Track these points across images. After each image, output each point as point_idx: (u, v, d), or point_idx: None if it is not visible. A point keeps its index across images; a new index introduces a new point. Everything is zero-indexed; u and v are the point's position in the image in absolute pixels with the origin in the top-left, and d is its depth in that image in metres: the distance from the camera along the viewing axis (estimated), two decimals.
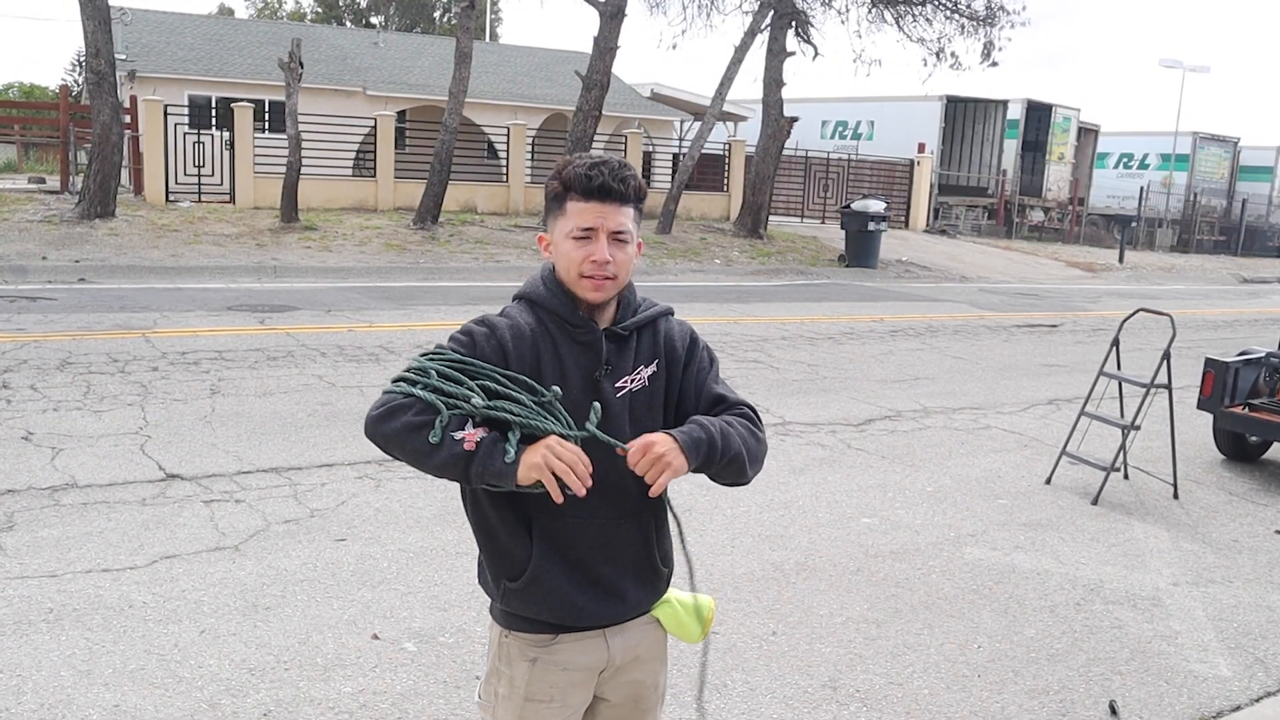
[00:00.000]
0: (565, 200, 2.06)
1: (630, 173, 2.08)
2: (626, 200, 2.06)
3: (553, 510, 2.05)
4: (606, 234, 2.04)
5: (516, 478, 1.92)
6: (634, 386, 2.14)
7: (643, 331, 2.19)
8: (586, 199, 2.04)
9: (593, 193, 2.04)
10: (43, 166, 29.79)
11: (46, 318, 10.08)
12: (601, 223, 2.04)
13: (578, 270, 2.05)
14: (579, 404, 2.05)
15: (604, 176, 2.03)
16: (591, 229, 2.04)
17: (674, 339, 2.22)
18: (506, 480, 1.93)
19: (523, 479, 1.92)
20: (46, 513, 5.11)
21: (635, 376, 2.14)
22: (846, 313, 14.51)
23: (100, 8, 16.00)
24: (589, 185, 2.03)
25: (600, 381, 2.09)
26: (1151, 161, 39.18)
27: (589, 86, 19.52)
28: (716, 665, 4.06)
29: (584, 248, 2.04)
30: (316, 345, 9.48)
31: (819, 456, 7.06)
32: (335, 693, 3.67)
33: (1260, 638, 4.67)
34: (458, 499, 2.20)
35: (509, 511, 2.09)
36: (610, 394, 2.09)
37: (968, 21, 23.86)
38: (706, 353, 2.27)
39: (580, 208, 2.04)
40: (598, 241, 2.04)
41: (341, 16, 57.03)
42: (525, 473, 1.92)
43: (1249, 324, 16.96)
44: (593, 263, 2.04)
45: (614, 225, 2.05)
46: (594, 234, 2.04)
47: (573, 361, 2.08)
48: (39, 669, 3.68)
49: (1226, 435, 7.72)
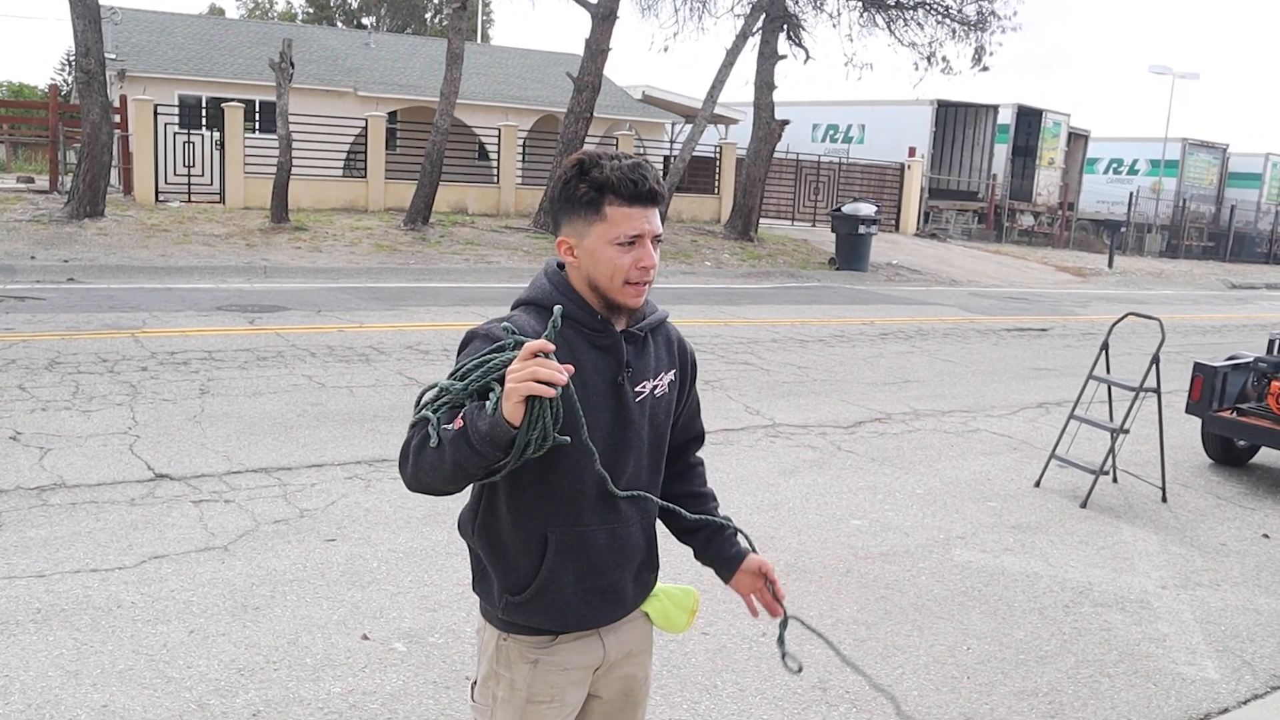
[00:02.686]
0: (603, 205, 1.99)
1: (658, 173, 2.09)
2: (661, 202, 2.06)
3: (569, 521, 2.05)
4: (650, 238, 2.02)
5: (506, 418, 1.80)
6: (658, 392, 2.15)
7: (656, 335, 2.19)
8: (632, 204, 1.99)
9: (639, 198, 1.99)
10: (32, 166, 29.66)
11: (35, 317, 10.04)
12: (647, 228, 2.01)
13: (624, 277, 2.01)
14: (599, 409, 2.03)
15: (649, 181, 2.00)
16: (640, 235, 2.00)
17: (687, 353, 2.27)
18: (500, 428, 1.81)
19: (510, 415, 1.80)
20: (34, 513, 5.09)
21: (658, 382, 2.15)
22: (837, 315, 14.53)
23: (90, 7, 15.93)
24: (636, 191, 1.98)
25: (623, 385, 2.07)
26: (1141, 167, 39.34)
27: (580, 88, 19.53)
28: (706, 666, 4.07)
29: (631, 253, 2.00)
30: (306, 346, 9.46)
31: (809, 458, 7.07)
32: (325, 693, 3.66)
33: (1248, 640, 4.69)
34: (447, 499, 2.19)
35: (528, 525, 2.06)
36: (630, 398, 2.09)
37: (959, 26, 23.93)
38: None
39: (626, 213, 1.99)
40: (644, 247, 2.01)
41: (333, 17, 56.93)
42: (510, 409, 1.79)
43: (1237, 329, 17.04)
44: (641, 268, 2.01)
45: (656, 229, 2.03)
46: (640, 240, 2.01)
47: (592, 366, 2.04)
48: (27, 669, 3.66)
49: (1215, 439, 7.76)
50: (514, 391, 1.78)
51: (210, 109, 22.80)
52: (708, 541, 2.31)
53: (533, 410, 1.81)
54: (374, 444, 6.57)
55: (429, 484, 1.93)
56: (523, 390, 1.77)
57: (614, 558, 2.12)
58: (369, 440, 6.65)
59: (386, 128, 22.28)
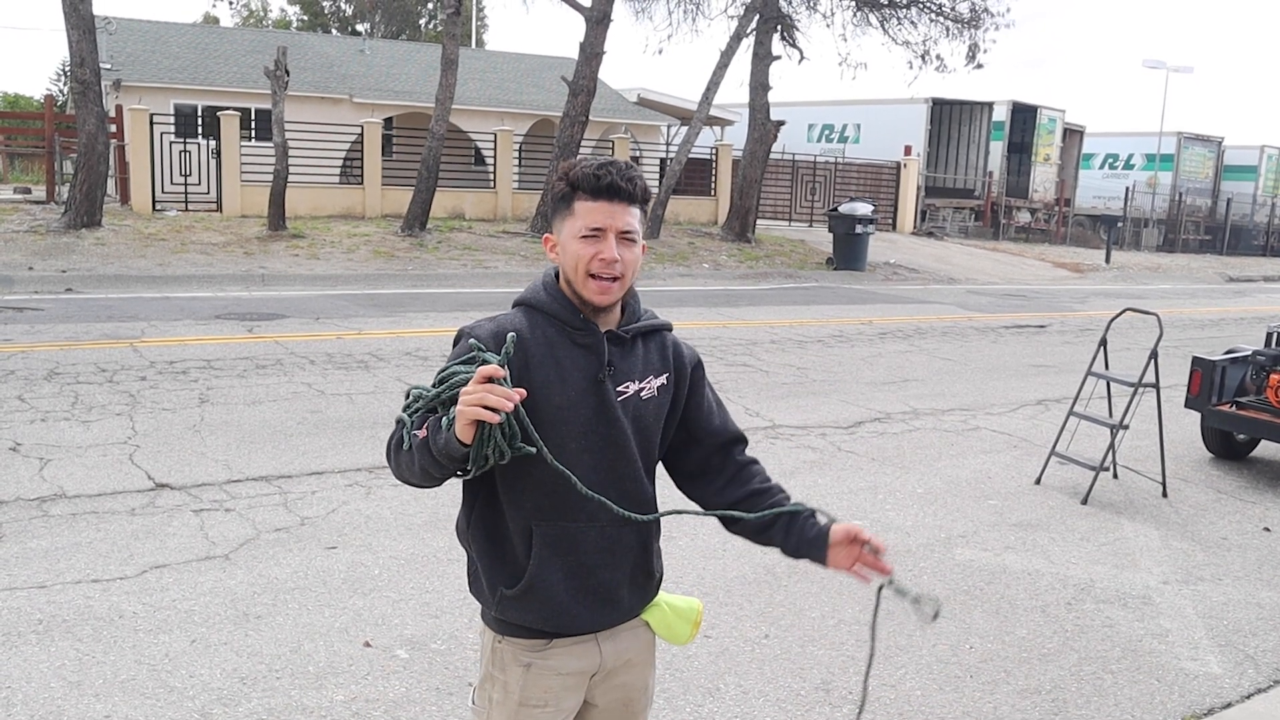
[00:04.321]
0: (573, 200, 2.06)
1: (637, 173, 2.09)
2: (634, 200, 2.07)
3: (554, 515, 2.06)
4: (615, 233, 2.04)
5: (458, 436, 1.86)
6: (644, 395, 2.15)
7: (648, 340, 2.20)
8: (595, 198, 2.04)
9: (601, 192, 2.04)
10: (28, 177, 29.69)
11: (33, 328, 10.03)
12: (610, 222, 2.04)
13: (585, 269, 2.05)
14: (579, 404, 2.06)
15: (612, 176, 2.03)
16: (600, 229, 2.03)
17: (684, 357, 2.26)
18: (452, 445, 1.87)
19: (461, 434, 1.86)
20: (35, 524, 5.09)
21: (645, 385, 2.16)
22: (835, 315, 14.54)
23: (85, 17, 15.95)
24: (597, 184, 2.03)
25: (604, 383, 2.09)
26: (1136, 162, 39.39)
27: (575, 92, 19.53)
28: (709, 669, 4.06)
29: (592, 246, 2.04)
30: (305, 353, 9.46)
31: (809, 459, 7.07)
32: (328, 701, 3.66)
33: (1250, 635, 4.70)
34: (448, 505, 2.20)
35: (518, 516, 2.08)
36: (612, 396, 2.10)
37: (952, 24, 23.98)
38: (710, 386, 2.33)
39: (589, 207, 2.04)
40: (606, 240, 2.04)
41: (327, 24, 56.91)
42: (460, 429, 1.85)
43: (1235, 322, 17.05)
44: (601, 260, 2.04)
45: (622, 225, 2.05)
46: (602, 234, 2.04)
47: (572, 364, 2.07)
48: (29, 680, 3.66)
49: (1214, 433, 7.76)
50: (463, 414, 1.85)
51: (206, 117, 22.81)
52: (786, 533, 2.23)
53: (483, 431, 1.88)
54: (374, 451, 6.56)
55: (408, 480, 2.05)
56: (470, 415, 1.83)
57: (604, 557, 2.12)
58: (369, 447, 6.65)
59: (383, 134, 22.31)
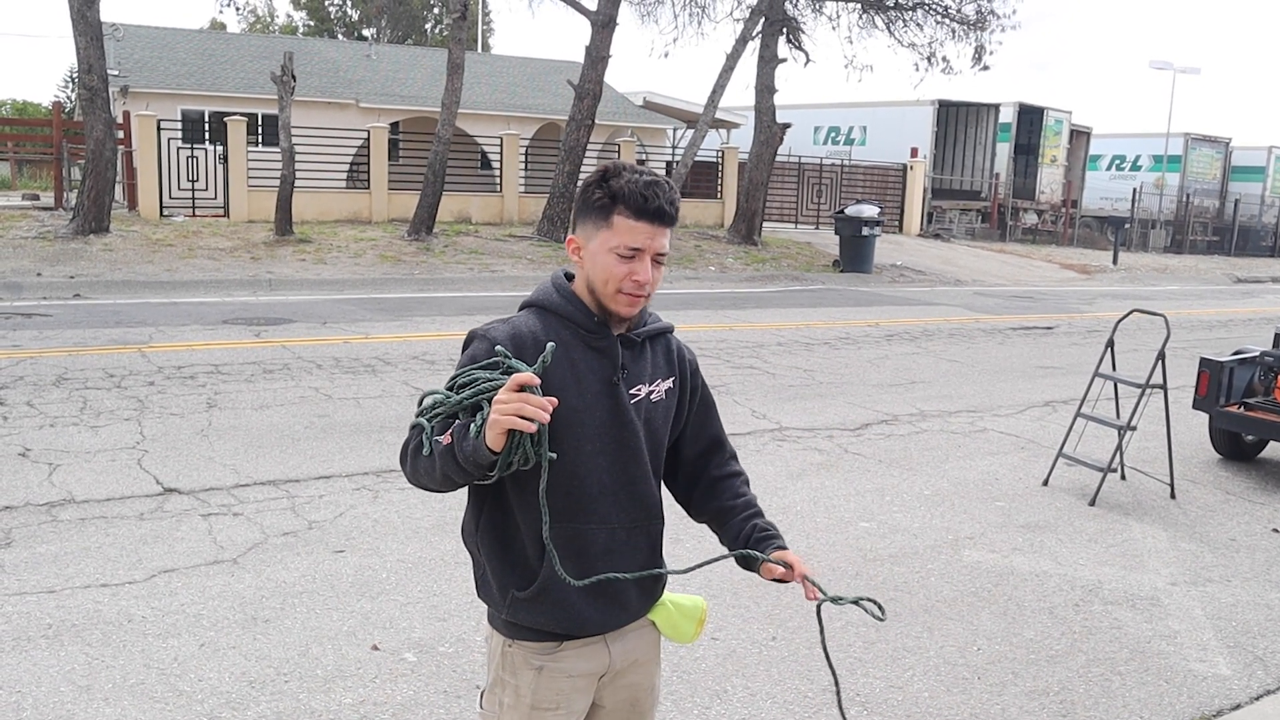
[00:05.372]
0: (613, 214, 2.03)
1: (678, 195, 2.09)
2: (672, 223, 2.07)
3: (565, 517, 2.07)
4: (651, 254, 2.05)
5: (488, 444, 1.88)
6: (654, 398, 2.18)
7: (655, 343, 2.22)
8: (638, 218, 2.03)
9: (646, 214, 2.03)
10: (37, 183, 29.78)
11: (42, 334, 10.07)
12: (649, 244, 2.04)
13: (616, 286, 2.05)
14: (594, 407, 2.08)
15: (660, 200, 2.02)
16: (639, 249, 2.04)
17: (687, 360, 2.30)
18: (481, 452, 1.89)
19: (492, 442, 1.87)
20: (44, 529, 5.11)
21: (654, 388, 2.18)
22: (841, 318, 14.53)
23: (92, 24, 16.02)
24: (644, 206, 2.02)
25: (618, 386, 2.11)
26: (1144, 163, 39.26)
27: (581, 96, 19.55)
28: (716, 671, 4.06)
29: (627, 265, 2.04)
30: (312, 358, 9.48)
31: (816, 461, 7.06)
32: (336, 704, 3.67)
33: (1259, 636, 4.68)
34: (455, 509, 2.21)
35: (530, 518, 2.08)
36: (625, 399, 2.12)
37: (958, 26, 23.95)
38: (705, 387, 2.36)
39: (631, 226, 2.03)
40: (643, 262, 2.04)
41: (333, 29, 57.08)
42: (493, 437, 1.87)
43: (1243, 323, 17.00)
44: (635, 281, 2.05)
45: (659, 247, 2.06)
46: (640, 254, 2.04)
47: (586, 367, 2.09)
48: (39, 685, 3.68)
49: (1222, 434, 7.74)
50: (497, 423, 1.86)
51: (213, 123, 22.88)
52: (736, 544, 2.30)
53: (513, 439, 1.90)
54: (381, 455, 6.58)
55: (425, 485, 2.05)
56: (505, 424, 1.85)
57: (613, 560, 2.13)
58: (376, 451, 6.66)
59: (389, 138, 22.34)
